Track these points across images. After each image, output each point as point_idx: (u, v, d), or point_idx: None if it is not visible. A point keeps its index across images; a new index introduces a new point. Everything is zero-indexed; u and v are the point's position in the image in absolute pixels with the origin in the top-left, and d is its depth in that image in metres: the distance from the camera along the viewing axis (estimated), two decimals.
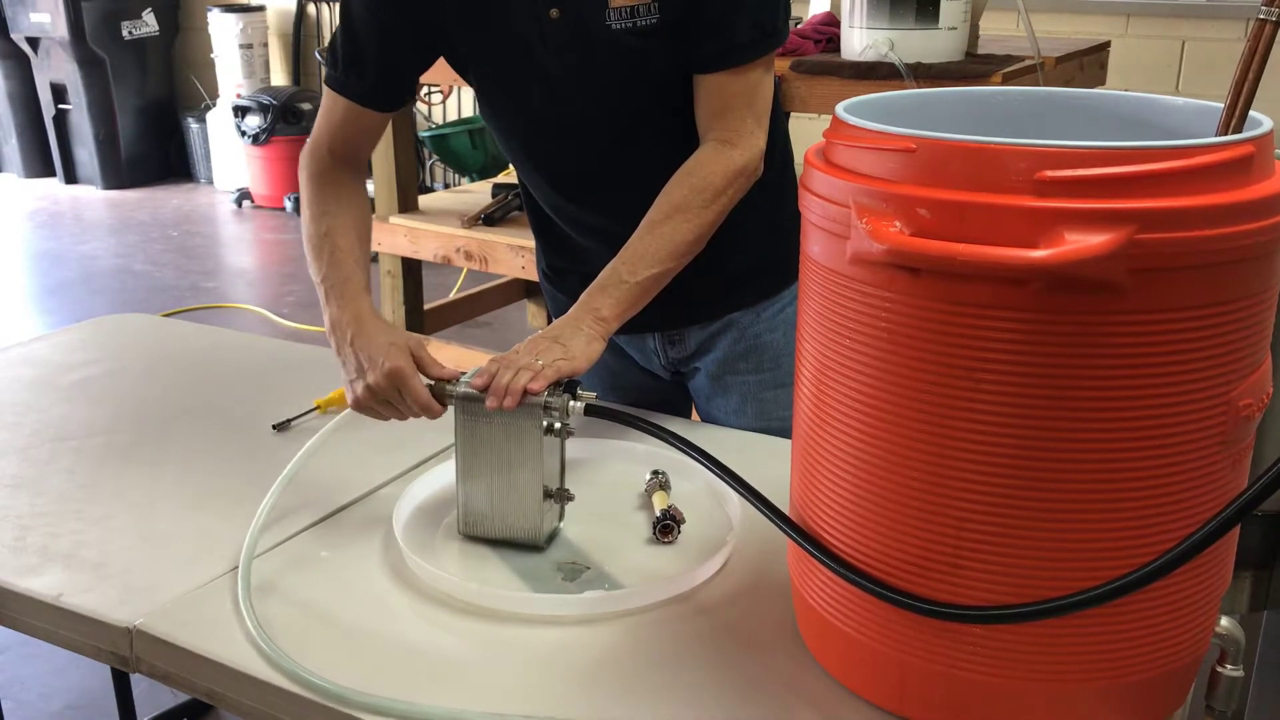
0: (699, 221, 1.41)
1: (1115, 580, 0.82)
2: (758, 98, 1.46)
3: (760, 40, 1.44)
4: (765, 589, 1.17)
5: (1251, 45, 0.87)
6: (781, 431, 1.57)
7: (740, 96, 1.45)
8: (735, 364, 1.65)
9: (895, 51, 2.59)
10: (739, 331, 1.64)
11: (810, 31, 2.99)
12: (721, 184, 1.42)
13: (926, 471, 0.86)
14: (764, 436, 1.57)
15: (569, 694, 1.01)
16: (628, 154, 1.53)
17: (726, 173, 1.43)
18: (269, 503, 1.27)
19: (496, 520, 1.26)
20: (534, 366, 1.26)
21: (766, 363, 1.64)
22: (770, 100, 1.49)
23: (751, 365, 1.64)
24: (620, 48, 1.43)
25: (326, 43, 5.00)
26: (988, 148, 0.79)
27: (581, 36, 1.43)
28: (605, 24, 1.41)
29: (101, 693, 2.31)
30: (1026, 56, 2.77)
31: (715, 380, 1.67)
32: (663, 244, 1.40)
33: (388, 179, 3.82)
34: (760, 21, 1.44)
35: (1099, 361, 0.80)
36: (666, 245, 1.40)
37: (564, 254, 1.68)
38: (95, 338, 1.95)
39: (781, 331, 1.63)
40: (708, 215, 1.42)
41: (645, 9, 1.40)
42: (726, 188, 1.43)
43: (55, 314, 4.80)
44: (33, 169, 7.23)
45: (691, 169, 1.44)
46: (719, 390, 1.67)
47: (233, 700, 1.07)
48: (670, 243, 1.40)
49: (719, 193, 1.42)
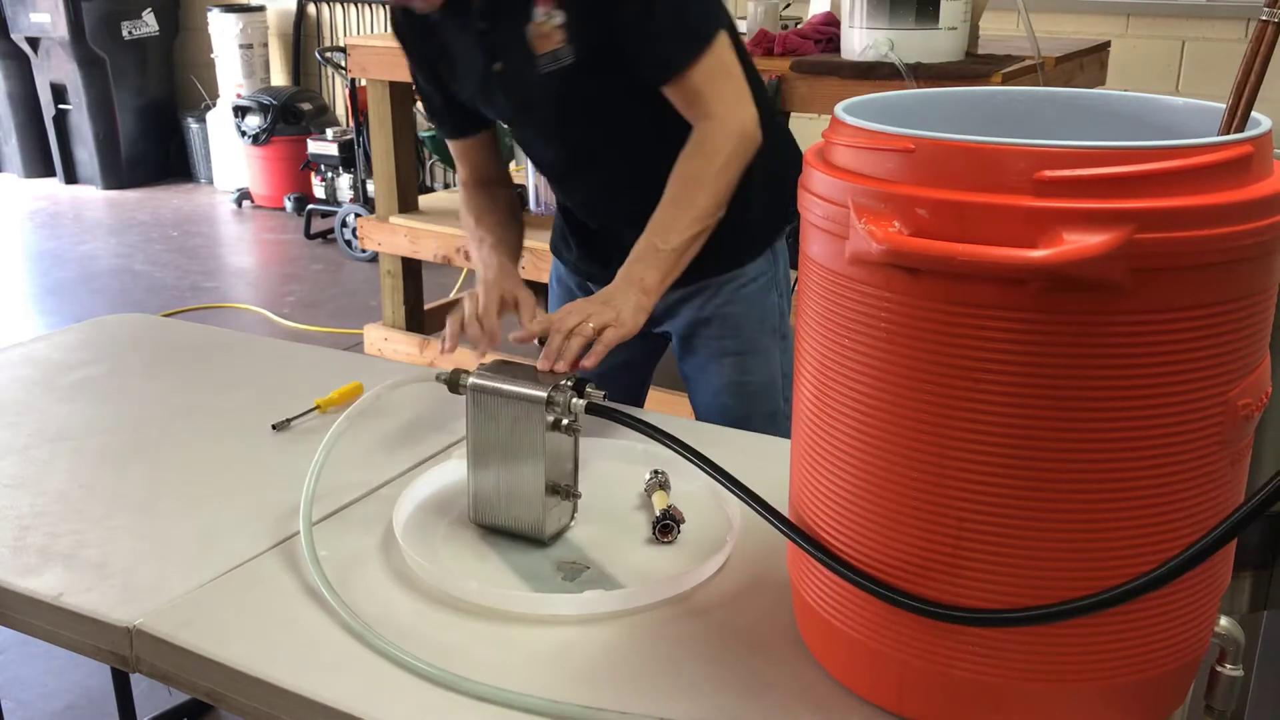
0: (715, 188, 1.54)
1: (1115, 587, 0.82)
2: (719, 78, 1.57)
3: (690, 43, 1.54)
4: (765, 589, 1.18)
5: (1253, 47, 0.87)
6: (746, 388, 1.80)
7: (702, 88, 1.55)
8: (699, 329, 1.81)
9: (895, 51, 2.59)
10: (702, 301, 1.78)
11: (810, 31, 3.00)
12: (726, 149, 1.54)
13: (926, 471, 0.86)
14: (764, 437, 1.57)
15: (569, 694, 1.01)
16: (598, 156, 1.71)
17: (727, 138, 1.54)
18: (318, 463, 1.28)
19: (502, 510, 1.27)
20: (585, 332, 1.41)
21: (727, 331, 1.79)
22: (739, 67, 1.59)
23: (714, 332, 1.80)
24: (557, 88, 1.59)
25: None
26: (987, 148, 0.79)
27: (523, 83, 1.61)
28: (537, 71, 1.58)
29: (101, 693, 2.31)
30: (1026, 56, 2.78)
31: (685, 341, 1.84)
32: (686, 212, 1.53)
33: (388, 179, 3.83)
34: (683, 27, 1.54)
35: (1098, 361, 0.80)
36: (690, 212, 1.53)
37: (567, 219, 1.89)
38: (95, 338, 1.95)
39: (741, 305, 1.78)
40: (722, 181, 1.54)
41: (562, 52, 1.56)
42: (731, 152, 1.54)
43: (55, 314, 4.79)
44: (33, 169, 7.22)
45: (694, 146, 1.55)
46: (688, 351, 1.84)
47: (233, 700, 1.07)
48: (693, 209, 1.53)
49: (727, 158, 1.54)
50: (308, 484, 1.26)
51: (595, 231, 1.82)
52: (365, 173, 5.47)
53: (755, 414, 1.81)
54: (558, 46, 1.55)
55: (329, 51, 5.81)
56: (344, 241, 5.55)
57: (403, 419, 1.59)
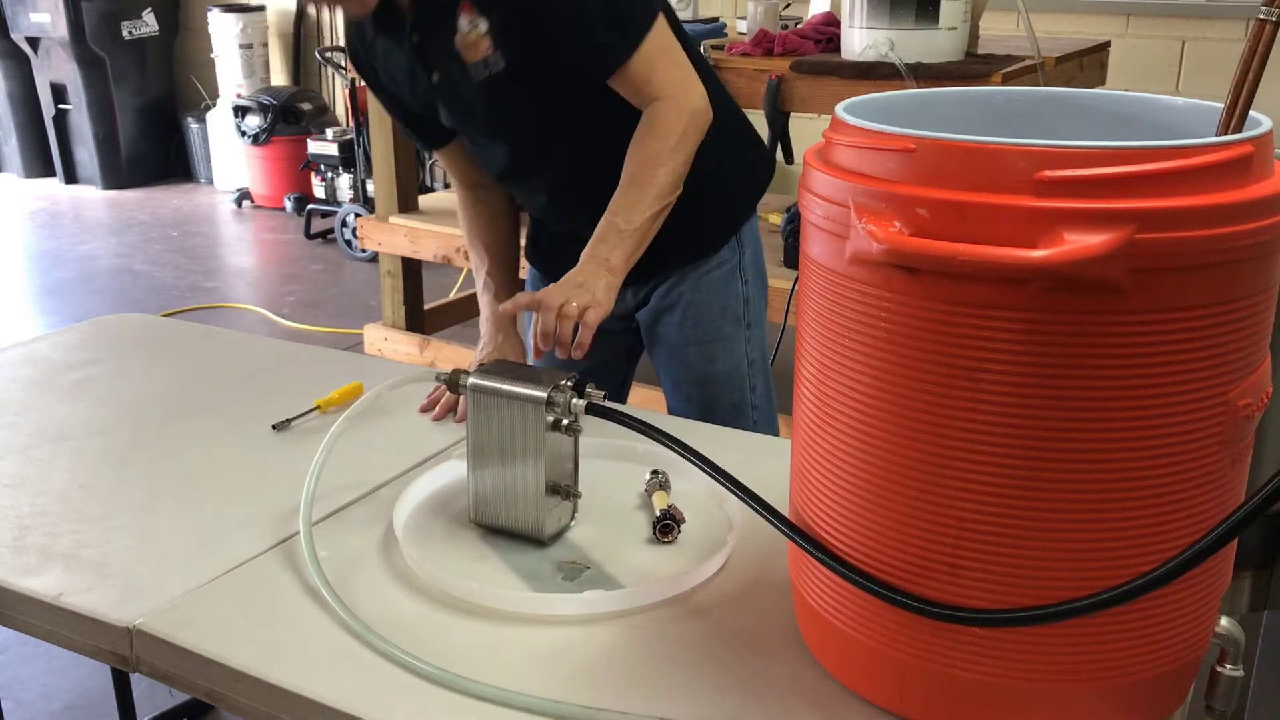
0: (672, 164, 1.54)
1: (1115, 587, 0.82)
2: (660, 64, 1.56)
3: (625, 37, 1.53)
4: (765, 589, 1.18)
5: (1251, 45, 0.87)
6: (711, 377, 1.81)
7: (648, 75, 1.55)
8: (662, 316, 1.81)
9: (895, 51, 2.59)
10: (666, 289, 1.79)
11: (810, 31, 2.99)
12: (679, 126, 1.54)
13: (926, 472, 0.86)
14: (763, 437, 1.57)
15: (569, 694, 1.01)
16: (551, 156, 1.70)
17: (680, 116, 1.55)
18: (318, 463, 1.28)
19: (503, 510, 1.27)
20: (571, 312, 1.44)
21: (689, 320, 1.79)
22: (679, 51, 1.59)
23: (675, 320, 1.79)
24: (494, 94, 1.59)
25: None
26: (987, 148, 0.79)
27: (460, 93, 1.62)
28: (470, 79, 1.58)
29: (101, 693, 2.31)
30: (1026, 56, 2.78)
31: (649, 331, 1.84)
32: (646, 191, 1.53)
33: (388, 179, 3.83)
34: (617, 17, 1.53)
35: (1098, 361, 0.80)
36: (650, 191, 1.53)
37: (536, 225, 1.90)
38: (95, 338, 1.95)
39: (705, 293, 1.78)
40: (678, 157, 1.55)
41: (491, 60, 1.55)
42: (684, 129, 1.55)
43: (55, 314, 4.79)
44: (33, 169, 7.22)
45: (646, 127, 1.55)
46: (652, 341, 1.85)
47: (233, 700, 1.07)
48: (653, 188, 1.53)
49: (681, 135, 1.54)
50: (308, 484, 1.26)
51: (564, 236, 1.77)
52: (365, 173, 5.47)
53: (721, 403, 1.81)
54: (487, 54, 1.54)
55: (329, 51, 5.82)
56: (344, 241, 5.55)
57: (403, 419, 1.59)
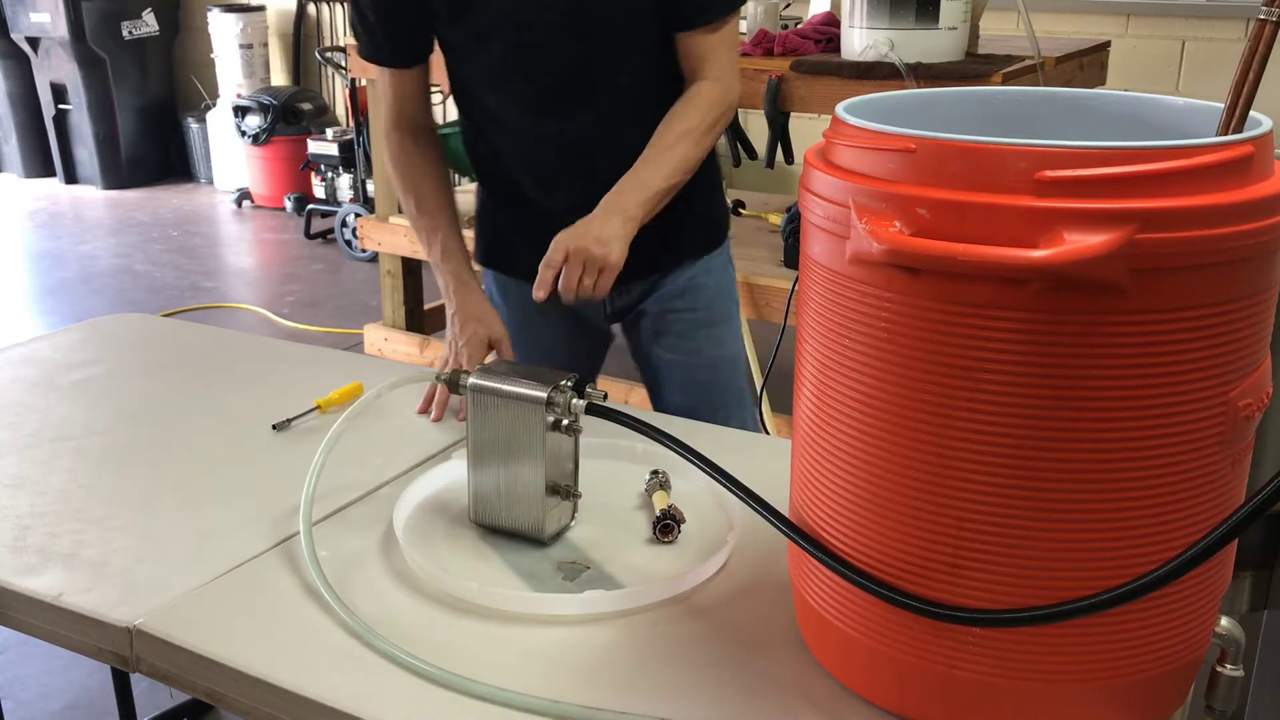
0: (703, 145, 1.58)
1: (1115, 588, 0.82)
2: (730, 47, 1.62)
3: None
4: (765, 589, 1.18)
5: (1252, 45, 0.87)
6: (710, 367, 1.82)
7: (721, 44, 1.59)
8: (672, 302, 1.81)
9: (895, 51, 2.59)
10: (677, 273, 1.80)
11: (810, 31, 2.99)
12: (718, 113, 1.59)
13: (926, 472, 0.86)
14: (763, 437, 1.57)
15: (569, 694, 1.01)
16: (598, 85, 1.63)
17: (722, 103, 1.60)
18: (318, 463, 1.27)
19: (503, 510, 1.27)
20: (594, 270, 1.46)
21: (700, 302, 1.81)
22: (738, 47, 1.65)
23: (686, 304, 1.81)
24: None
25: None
26: (987, 148, 0.79)
27: None
28: None
29: (101, 693, 2.31)
30: (1026, 56, 2.78)
31: (657, 319, 1.83)
32: (676, 160, 1.56)
33: (388, 179, 3.82)
34: None
35: (1098, 361, 0.80)
36: (678, 161, 1.56)
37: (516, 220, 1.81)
38: (95, 338, 1.95)
39: (714, 276, 1.82)
40: (707, 140, 1.59)
41: None
42: (720, 117, 1.59)
43: (55, 314, 4.79)
44: (33, 169, 7.22)
45: (689, 101, 1.58)
46: (660, 328, 1.84)
47: (233, 700, 1.07)
48: (682, 160, 1.56)
49: (716, 121, 1.59)
50: (308, 484, 1.26)
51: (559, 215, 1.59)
52: (365, 173, 5.47)
53: (731, 386, 1.85)
54: None
55: (329, 51, 5.82)
56: (344, 241, 5.55)
57: (403, 419, 1.59)
